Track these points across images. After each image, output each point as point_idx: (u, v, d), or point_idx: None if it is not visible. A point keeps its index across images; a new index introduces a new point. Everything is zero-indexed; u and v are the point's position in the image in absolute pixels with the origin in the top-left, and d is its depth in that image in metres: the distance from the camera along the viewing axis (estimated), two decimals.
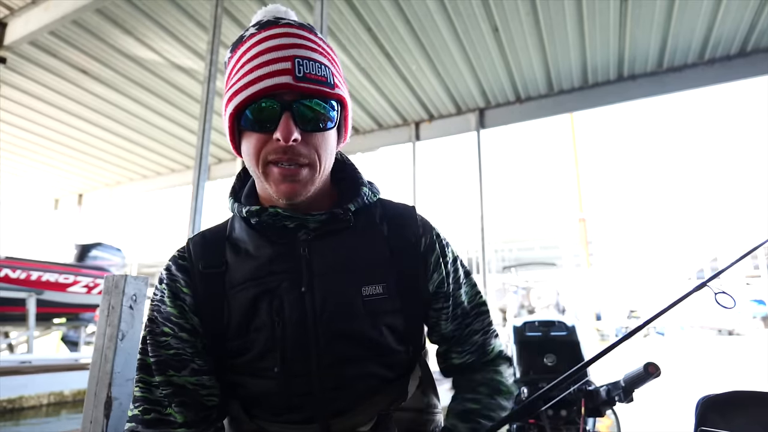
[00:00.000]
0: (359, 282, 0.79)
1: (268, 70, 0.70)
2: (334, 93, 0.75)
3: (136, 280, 1.27)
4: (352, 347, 0.78)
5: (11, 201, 11.46)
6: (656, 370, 1.42)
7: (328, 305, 0.77)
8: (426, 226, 0.90)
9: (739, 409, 0.83)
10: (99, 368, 1.21)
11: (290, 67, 0.70)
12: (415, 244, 0.86)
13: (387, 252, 0.83)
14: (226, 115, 0.76)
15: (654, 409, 5.18)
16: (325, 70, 0.74)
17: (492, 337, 0.95)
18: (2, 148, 8.30)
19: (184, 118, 7.25)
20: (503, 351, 0.97)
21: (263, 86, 0.70)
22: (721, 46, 5.32)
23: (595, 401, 1.61)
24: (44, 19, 4.69)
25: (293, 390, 0.77)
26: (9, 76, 6.01)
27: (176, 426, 0.78)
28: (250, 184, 0.88)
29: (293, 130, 0.70)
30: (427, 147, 7.92)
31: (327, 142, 0.77)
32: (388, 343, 0.81)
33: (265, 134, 0.73)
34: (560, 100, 6.43)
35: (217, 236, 0.87)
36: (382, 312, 0.80)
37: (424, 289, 0.86)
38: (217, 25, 3.87)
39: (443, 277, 0.88)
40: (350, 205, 0.82)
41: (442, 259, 0.89)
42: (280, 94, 0.71)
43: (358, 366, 0.79)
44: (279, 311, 0.77)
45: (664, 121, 39.66)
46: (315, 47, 0.75)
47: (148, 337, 0.81)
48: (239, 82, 0.72)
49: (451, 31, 5.14)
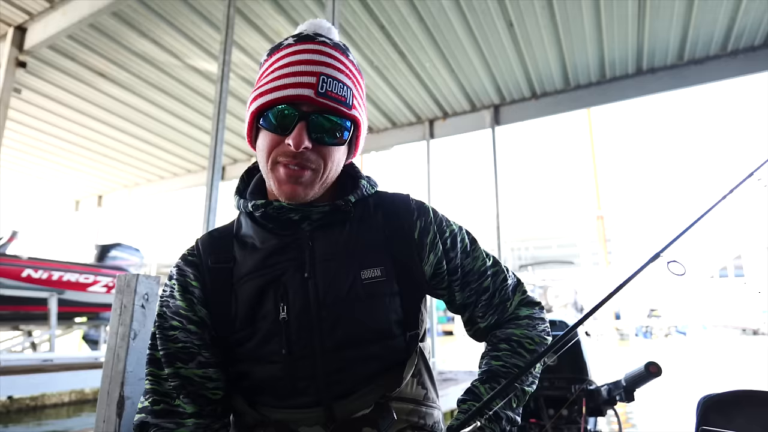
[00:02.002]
0: (358, 266, 0.84)
1: (294, 80, 0.77)
2: (350, 114, 0.81)
3: (148, 279, 1.26)
4: (354, 329, 0.82)
5: (34, 203, 11.73)
6: (657, 370, 1.39)
7: (331, 289, 0.82)
8: (420, 209, 0.94)
9: (740, 408, 0.84)
10: (112, 367, 1.21)
11: (314, 82, 0.77)
12: (409, 230, 0.90)
13: (383, 238, 0.88)
14: (249, 112, 0.83)
15: (669, 408, 5.06)
16: (347, 91, 0.80)
17: (510, 293, 0.96)
18: (25, 152, 8.50)
19: (200, 120, 7.32)
20: (526, 298, 0.97)
21: (286, 94, 0.77)
22: (745, 37, 5.15)
23: (596, 401, 1.59)
24: (62, 23, 4.77)
25: (298, 373, 0.80)
26: (29, 80, 6.13)
27: (185, 417, 0.82)
28: (254, 182, 0.94)
29: (305, 139, 0.76)
30: (441, 145, 7.87)
31: (335, 155, 0.83)
32: (388, 326, 0.84)
33: (279, 136, 0.79)
34: (577, 95, 6.31)
35: (224, 234, 0.92)
36: (380, 294, 0.84)
37: (421, 273, 0.89)
38: (230, 25, 3.89)
39: (442, 255, 0.92)
40: (351, 196, 0.88)
41: (440, 237, 0.92)
42: (300, 104, 0.77)
43: (359, 348, 0.82)
44: (284, 296, 0.81)
45: (684, 116, 38.84)
46: (342, 68, 0.81)
47: (158, 331, 0.86)
48: (267, 85, 0.79)
49: (465, 27, 5.08)
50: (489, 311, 0.94)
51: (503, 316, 0.95)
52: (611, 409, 1.61)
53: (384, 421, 0.80)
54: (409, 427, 0.85)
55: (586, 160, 19.84)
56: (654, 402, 5.41)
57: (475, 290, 0.94)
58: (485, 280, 0.94)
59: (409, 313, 0.87)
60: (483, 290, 0.94)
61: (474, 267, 0.94)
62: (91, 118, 7.29)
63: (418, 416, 0.87)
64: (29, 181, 9.98)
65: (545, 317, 0.97)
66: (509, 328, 0.93)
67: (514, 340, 0.91)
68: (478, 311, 0.95)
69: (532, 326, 0.93)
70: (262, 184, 0.92)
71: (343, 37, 5.17)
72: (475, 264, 0.95)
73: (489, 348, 0.94)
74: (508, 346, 0.91)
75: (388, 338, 0.84)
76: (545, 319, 0.96)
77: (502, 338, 0.92)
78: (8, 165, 9.02)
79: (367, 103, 0.93)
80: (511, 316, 0.95)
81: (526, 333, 0.92)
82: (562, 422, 1.66)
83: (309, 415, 0.80)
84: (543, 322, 0.95)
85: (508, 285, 0.96)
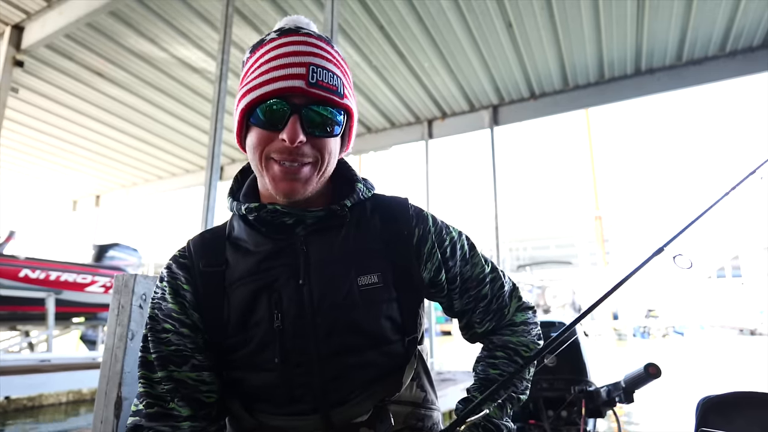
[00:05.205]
0: (355, 272, 0.82)
1: (284, 72, 0.74)
2: (343, 103, 0.79)
3: (146, 280, 1.26)
4: (350, 336, 0.80)
5: (32, 203, 11.69)
6: (657, 371, 1.39)
7: (326, 296, 0.80)
8: (419, 217, 0.92)
9: (739, 409, 0.84)
10: (109, 368, 1.20)
11: (305, 73, 0.74)
12: (408, 236, 0.88)
13: (380, 244, 0.86)
14: (238, 110, 0.80)
15: (667, 409, 5.07)
16: (337, 81, 0.78)
17: (507, 299, 0.96)
18: (23, 152, 8.47)
19: (197, 119, 7.31)
20: (522, 304, 0.97)
21: (277, 87, 0.74)
22: (744, 37, 5.16)
23: (595, 402, 1.60)
24: (60, 22, 4.75)
25: (294, 381, 0.79)
26: (27, 80, 6.11)
27: (180, 420, 0.81)
28: (248, 184, 0.92)
29: (299, 133, 0.74)
30: (440, 145, 7.86)
31: (330, 147, 0.80)
32: (385, 332, 0.83)
33: (271, 132, 0.76)
34: (576, 95, 6.31)
35: (216, 236, 0.90)
36: (378, 301, 0.82)
37: (419, 278, 0.88)
38: (228, 24, 3.88)
39: (440, 265, 0.90)
40: (346, 201, 0.86)
41: (438, 246, 0.90)
42: (291, 97, 0.75)
43: (356, 355, 0.80)
44: (278, 304, 0.79)
45: (683, 116, 38.91)
46: (330, 58, 0.79)
47: (149, 334, 0.84)
48: (254, 81, 0.76)
49: (464, 28, 5.08)
50: (486, 317, 0.94)
51: (501, 322, 0.95)
52: (610, 410, 1.61)
53: (382, 425, 0.80)
54: (407, 428, 0.85)
55: (585, 160, 19.84)
56: (652, 403, 5.42)
57: (474, 297, 0.93)
58: (484, 287, 0.94)
59: (407, 318, 0.86)
60: (481, 297, 0.93)
61: (473, 274, 0.94)
62: (88, 118, 7.26)
63: (417, 418, 0.87)
64: (27, 180, 9.95)
65: (537, 321, 0.98)
66: (505, 335, 0.93)
67: (511, 348, 0.92)
68: (476, 317, 0.94)
69: (527, 332, 0.94)
70: (256, 185, 0.90)
71: (341, 37, 5.17)
72: (474, 271, 0.94)
73: (485, 354, 0.94)
74: (505, 354, 0.91)
75: (386, 344, 0.83)
76: (537, 323, 0.98)
77: (498, 345, 0.93)
78: (6, 165, 8.99)
79: (365, 103, 0.92)
80: (507, 322, 0.95)
81: (521, 340, 0.92)
82: (561, 423, 1.66)
83: (306, 423, 0.79)
84: (536, 326, 0.96)
85: (505, 291, 0.96)
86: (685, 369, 8.95)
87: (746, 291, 22.54)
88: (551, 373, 1.79)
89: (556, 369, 1.79)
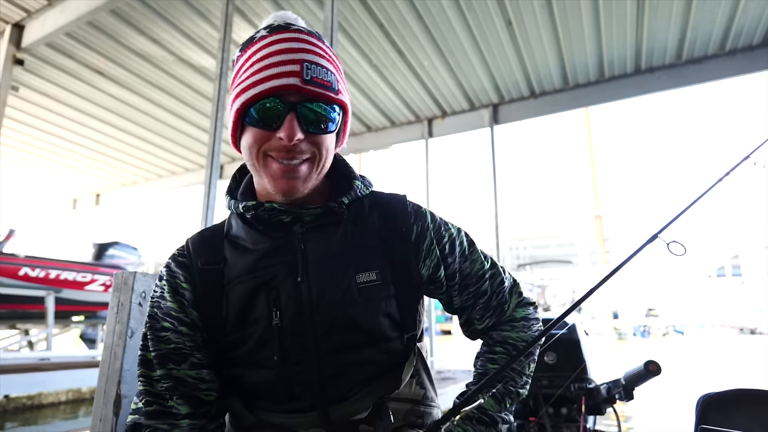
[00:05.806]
0: (353, 270, 0.82)
1: (278, 70, 0.73)
2: (338, 98, 0.78)
3: (146, 277, 1.25)
4: (349, 334, 0.80)
5: (32, 201, 11.69)
6: (657, 369, 1.39)
7: (325, 293, 0.80)
8: (417, 213, 0.92)
9: (739, 407, 0.84)
10: (109, 366, 1.20)
11: (299, 70, 0.74)
12: (406, 233, 0.88)
13: (378, 241, 0.86)
14: (232, 110, 0.78)
15: (668, 406, 5.07)
16: (331, 76, 0.77)
17: (507, 295, 0.95)
18: (23, 150, 8.47)
19: (198, 118, 7.31)
20: (523, 299, 0.97)
21: (272, 85, 0.73)
22: (743, 36, 5.16)
23: (595, 399, 1.60)
24: (60, 20, 4.75)
25: (293, 378, 0.79)
26: (27, 78, 6.11)
27: (180, 418, 0.81)
28: (246, 182, 0.91)
29: (297, 131, 0.74)
30: (440, 144, 7.86)
31: (327, 143, 0.80)
32: (384, 330, 0.83)
33: (267, 131, 0.76)
34: (576, 94, 6.31)
35: (215, 235, 0.90)
36: (377, 298, 0.82)
37: (418, 275, 0.88)
38: (228, 23, 3.88)
39: (439, 262, 0.90)
40: (344, 198, 0.85)
41: (437, 243, 0.90)
42: (286, 95, 0.74)
43: (355, 352, 0.81)
44: (276, 301, 0.79)
45: (683, 115, 38.88)
46: (322, 54, 0.78)
47: (149, 332, 0.84)
48: (249, 79, 0.75)
49: (464, 26, 5.08)
50: (486, 314, 0.94)
51: (501, 318, 0.95)
52: (610, 407, 1.61)
53: (381, 422, 0.80)
54: (407, 425, 0.85)
55: (585, 159, 19.82)
56: (652, 401, 5.42)
57: (474, 293, 0.93)
58: (483, 283, 0.93)
59: (406, 315, 0.86)
60: (481, 293, 0.93)
61: (472, 270, 0.93)
62: (89, 116, 7.26)
63: (416, 415, 0.87)
64: (27, 179, 9.95)
65: (539, 317, 0.98)
66: (505, 331, 0.93)
67: (510, 343, 0.91)
68: (476, 314, 0.94)
69: (528, 327, 0.94)
70: (253, 184, 0.89)
71: (341, 36, 5.16)
72: (473, 267, 0.94)
73: (485, 349, 0.94)
74: (504, 350, 0.91)
75: (385, 341, 0.83)
76: (539, 319, 0.97)
77: (498, 341, 0.92)
78: (6, 163, 8.99)
79: (365, 101, 0.92)
80: (508, 318, 0.95)
81: (521, 335, 0.92)
82: (561, 420, 1.67)
83: (306, 420, 0.80)
84: (537, 322, 0.96)
85: (505, 287, 0.95)
86: (685, 367, 8.96)
87: (746, 290, 22.56)
88: (551, 370, 1.80)
89: (556, 366, 1.80)
